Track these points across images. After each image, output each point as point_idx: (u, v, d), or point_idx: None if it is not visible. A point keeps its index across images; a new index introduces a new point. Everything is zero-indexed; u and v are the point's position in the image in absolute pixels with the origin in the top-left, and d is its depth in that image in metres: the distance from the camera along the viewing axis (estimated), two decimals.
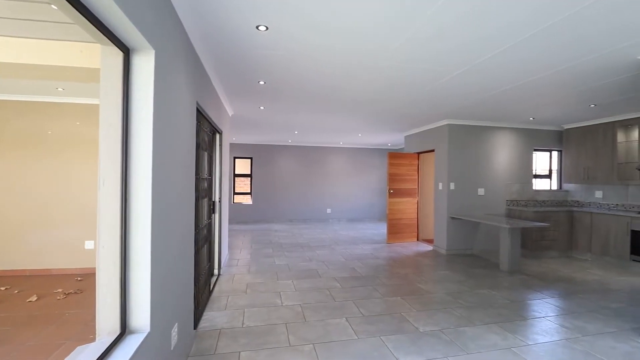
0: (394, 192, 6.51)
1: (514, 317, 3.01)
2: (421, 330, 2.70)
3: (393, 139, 8.36)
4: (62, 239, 4.00)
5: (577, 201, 6.04)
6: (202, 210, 3.02)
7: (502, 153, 5.87)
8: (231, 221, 8.88)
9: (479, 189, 5.75)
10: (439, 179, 5.84)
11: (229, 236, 6.76)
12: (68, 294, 3.37)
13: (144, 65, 1.59)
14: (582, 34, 2.31)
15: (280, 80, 3.48)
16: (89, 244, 4.04)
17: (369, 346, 2.44)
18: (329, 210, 9.60)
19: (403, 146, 8.79)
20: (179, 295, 2.11)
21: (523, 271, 4.54)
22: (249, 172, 9.21)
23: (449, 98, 4.11)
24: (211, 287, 3.62)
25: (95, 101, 3.93)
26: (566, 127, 5.98)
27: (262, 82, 3.53)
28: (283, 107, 4.69)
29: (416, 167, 6.74)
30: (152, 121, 1.58)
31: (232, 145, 8.93)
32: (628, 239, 4.67)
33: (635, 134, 4.89)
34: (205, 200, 3.20)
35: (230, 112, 4.97)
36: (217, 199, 3.93)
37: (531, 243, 5.38)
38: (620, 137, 5.07)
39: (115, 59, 1.52)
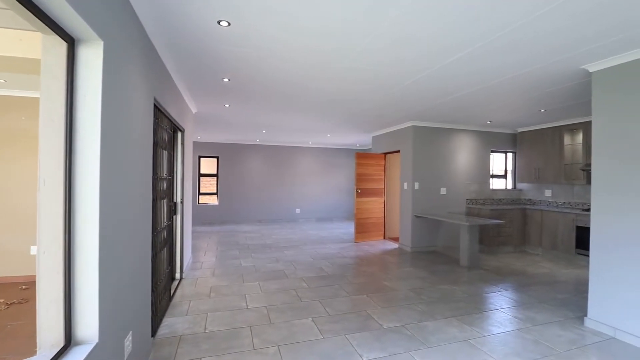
0: (362, 192, 6.62)
1: (472, 310, 3.16)
2: (385, 327, 2.76)
3: (361, 140, 8.49)
4: (4, 245, 3.65)
5: (530, 199, 6.47)
6: (161, 212, 2.88)
7: (462, 154, 6.15)
8: (196, 223, 8.59)
9: (442, 189, 5.99)
10: (404, 178, 6.02)
11: (193, 238, 6.53)
12: (10, 304, 3.08)
13: (91, 57, 1.48)
14: (532, 44, 2.46)
15: (246, 78, 3.40)
16: (34, 250, 3.71)
17: (334, 345, 2.45)
18: (298, 210, 9.57)
19: (371, 147, 8.95)
20: (134, 302, 1.99)
21: (481, 266, 4.79)
22: (215, 172, 8.95)
23: (413, 100, 4.23)
24: (172, 292, 3.47)
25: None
26: (520, 130, 6.39)
27: (226, 80, 3.43)
28: (249, 105, 4.60)
29: (383, 167, 6.90)
30: (100, 117, 1.47)
31: (197, 144, 8.64)
32: (574, 234, 5.07)
33: (579, 137, 5.32)
34: (165, 201, 3.06)
35: (193, 110, 4.80)
36: (178, 200, 3.77)
37: (488, 239, 5.69)
38: (567, 140, 5.50)
39: (59, 50, 1.40)
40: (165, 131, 3.05)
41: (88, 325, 1.48)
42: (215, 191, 8.99)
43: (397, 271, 4.47)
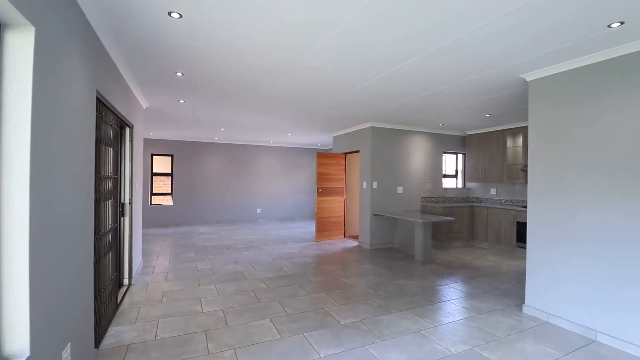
0: (323, 191, 6.67)
1: (424, 302, 3.32)
2: (342, 323, 2.81)
3: (322, 139, 8.56)
4: None
5: (477, 197, 6.95)
6: (105, 214, 2.68)
7: (417, 155, 6.45)
8: (148, 225, 8.11)
9: (398, 188, 6.23)
10: (364, 178, 6.17)
11: (145, 242, 6.17)
12: None
13: (20, 44, 1.34)
14: (475, 54, 2.64)
15: (200, 73, 3.27)
16: None
17: (292, 344, 2.44)
18: (259, 210, 9.41)
19: (332, 147, 9.05)
20: (73, 310, 1.83)
21: (434, 261, 5.05)
22: (170, 171, 8.51)
23: (369, 103, 4.34)
24: (119, 299, 3.24)
25: None
26: (469, 133, 6.83)
27: (179, 74, 3.28)
28: (205, 101, 4.43)
29: (343, 167, 7.01)
30: (31, 111, 1.33)
31: (149, 141, 8.16)
32: (514, 229, 5.53)
33: (520, 140, 5.81)
34: (110, 202, 2.85)
35: (144, 105, 4.52)
36: (126, 201, 3.53)
37: (441, 235, 6.02)
38: (509, 143, 5.98)
39: None
40: (111, 127, 2.84)
41: (17, 338, 1.34)
42: (169, 191, 8.53)
43: (356, 268, 4.57)
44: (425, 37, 2.39)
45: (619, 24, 2.14)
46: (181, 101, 4.40)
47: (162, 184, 8.48)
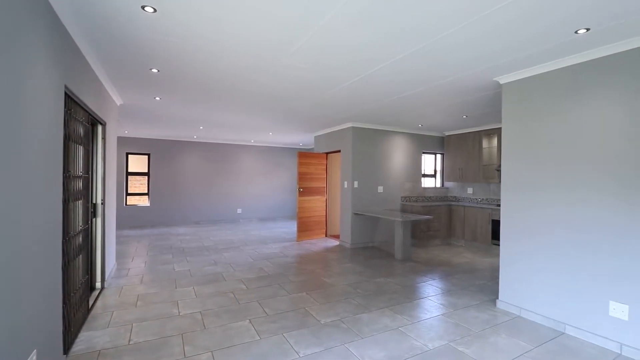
0: (304, 191, 6.66)
1: (403, 300, 3.37)
2: (322, 322, 2.81)
3: (304, 139, 8.54)
4: None
5: (455, 196, 7.13)
6: (75, 214, 2.56)
7: (397, 155, 6.54)
8: (123, 226, 7.84)
9: (379, 187, 6.30)
10: (345, 177, 6.20)
11: (119, 243, 5.96)
12: None
13: None
14: (451, 57, 2.70)
15: (177, 70, 3.19)
16: None
17: (271, 345, 2.42)
18: (239, 210, 9.28)
19: (313, 146, 9.05)
20: (39, 316, 1.74)
21: (413, 259, 5.14)
22: (146, 170, 8.25)
23: (349, 103, 4.37)
24: (91, 303, 3.11)
25: None
26: (447, 134, 7.00)
27: (155, 70, 3.18)
28: (182, 99, 4.32)
29: (325, 167, 7.02)
30: None
31: (124, 140, 7.89)
32: (490, 227, 5.71)
33: (495, 141, 6.00)
34: (81, 203, 2.72)
35: (118, 102, 4.36)
36: (98, 201, 3.40)
37: (420, 233, 6.13)
38: (485, 143, 6.17)
39: None
40: (81, 124, 2.71)
41: None
42: (146, 191, 8.28)
43: (336, 267, 4.59)
44: (400, 40, 2.43)
45: (585, 30, 2.25)
46: (157, 98, 4.27)
47: (138, 184, 8.21)
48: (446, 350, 2.39)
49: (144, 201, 8.32)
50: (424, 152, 7.03)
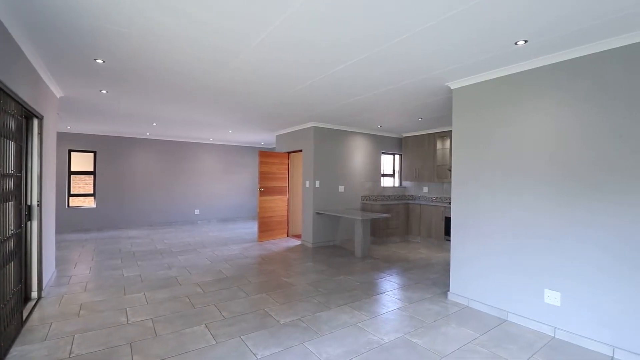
0: (265, 191, 6.57)
1: (363, 296, 3.45)
2: (282, 322, 2.79)
3: (265, 138, 8.43)
4: None
5: (412, 195, 7.45)
6: (5, 217, 2.30)
7: (358, 155, 6.69)
8: (65, 230, 7.20)
9: (340, 186, 6.40)
10: (306, 177, 6.21)
11: (60, 248, 5.47)
12: None
13: None
14: (405, 61, 2.81)
15: (125, 62, 2.98)
16: None
17: (228, 348, 2.35)
18: (197, 211, 8.92)
19: (275, 145, 8.95)
20: None
21: (373, 256, 5.28)
22: (92, 169, 7.64)
23: (310, 103, 4.38)
24: (26, 315, 2.81)
25: None
26: (404, 135, 7.29)
27: (100, 61, 2.95)
28: (132, 93, 4.06)
29: (287, 166, 6.98)
30: None
31: (66, 135, 7.24)
32: (443, 223, 6.04)
33: (447, 143, 6.35)
34: (12, 204, 2.45)
35: (58, 94, 3.99)
36: (34, 202, 3.08)
37: (379, 231, 6.32)
38: (439, 145, 6.51)
39: None
40: (13, 117, 2.44)
41: None
42: (92, 192, 7.66)
43: (297, 267, 4.58)
44: (355, 44, 2.49)
45: (524, 42, 2.45)
46: (104, 91, 3.97)
47: (82, 184, 7.57)
48: (401, 342, 2.48)
49: (89, 202, 7.69)
50: (383, 153, 7.25)
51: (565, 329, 2.59)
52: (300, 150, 6.50)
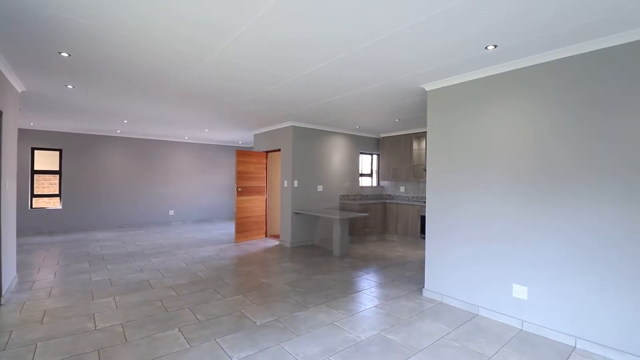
0: (243, 190, 6.47)
1: (340, 295, 3.47)
2: (258, 324, 2.75)
3: (243, 137, 8.30)
4: None
5: (389, 195, 7.57)
6: None
7: (336, 155, 6.72)
8: (27, 232, 6.79)
9: (319, 186, 6.41)
10: (285, 177, 6.17)
11: (21, 252, 5.16)
12: None
13: None
14: (380, 62, 2.85)
15: (93, 56, 2.84)
16: None
17: (202, 352, 2.30)
18: (171, 212, 8.66)
19: (253, 145, 8.84)
20: None
21: (351, 255, 5.33)
22: (58, 168, 7.24)
23: (288, 102, 4.36)
24: None
25: None
26: (382, 135, 7.40)
27: (64, 54, 2.80)
28: (101, 89, 3.87)
29: (265, 166, 6.91)
30: None
31: (29, 132, 6.83)
32: (419, 222, 6.18)
33: (423, 143, 6.51)
34: None
35: (19, 88, 3.75)
36: None
37: (357, 230, 6.39)
38: (415, 145, 6.66)
39: None
40: None
41: None
42: (57, 192, 7.26)
43: (275, 267, 4.54)
44: (331, 43, 2.49)
45: (494, 47, 2.55)
46: (69, 86, 3.77)
47: (47, 184, 7.16)
48: (377, 339, 2.52)
49: (54, 203, 7.29)
50: (361, 153, 7.33)
51: (532, 322, 2.71)
52: (279, 150, 6.46)
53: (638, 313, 2.22)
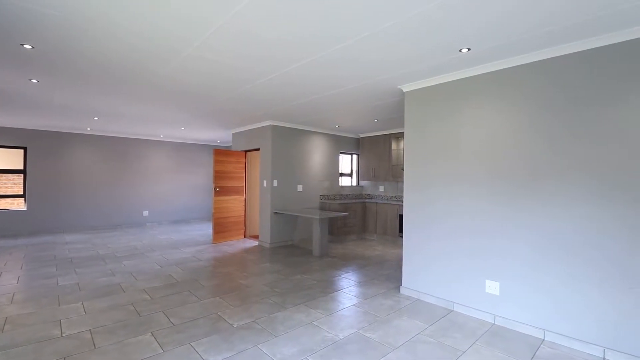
0: (221, 190, 6.34)
1: (319, 294, 3.47)
2: (235, 326, 2.70)
3: (222, 136, 8.15)
4: None
5: (369, 194, 7.65)
6: None
7: (316, 154, 6.72)
8: None
9: (298, 186, 6.38)
10: (264, 176, 6.11)
11: None
12: None
13: None
14: (359, 62, 2.87)
15: (59, 49, 2.70)
16: None
17: (176, 357, 2.23)
18: (146, 213, 8.37)
19: (231, 144, 8.70)
20: None
21: (330, 254, 5.34)
22: (22, 168, 6.84)
23: (267, 100, 4.31)
24: None
25: None
26: (362, 135, 7.46)
27: (28, 46, 2.63)
28: (69, 84, 3.69)
29: (243, 165, 6.80)
30: None
31: None
32: (397, 221, 6.28)
33: (402, 143, 6.62)
34: None
35: None
36: None
37: (337, 229, 6.41)
38: (394, 145, 6.76)
39: None
40: None
41: None
42: (21, 192, 6.86)
43: (254, 268, 4.48)
44: (309, 42, 2.48)
45: (467, 49, 2.62)
46: (34, 80, 3.56)
47: (9, 184, 6.73)
48: (355, 337, 2.53)
49: (18, 204, 6.88)
50: (341, 153, 7.36)
51: (504, 316, 2.81)
52: (258, 149, 6.38)
53: (603, 306, 2.35)
